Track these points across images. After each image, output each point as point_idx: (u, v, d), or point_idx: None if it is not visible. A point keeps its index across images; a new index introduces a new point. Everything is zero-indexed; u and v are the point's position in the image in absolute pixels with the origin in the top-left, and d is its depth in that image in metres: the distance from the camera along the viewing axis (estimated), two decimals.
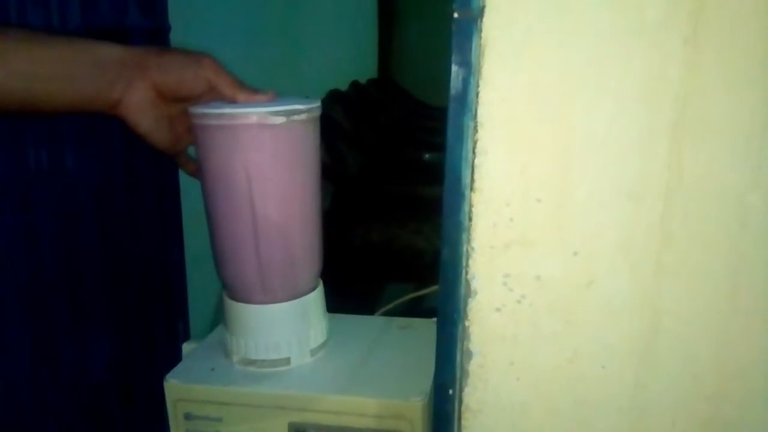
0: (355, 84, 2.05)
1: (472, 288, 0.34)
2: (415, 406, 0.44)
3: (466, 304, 0.34)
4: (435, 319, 0.57)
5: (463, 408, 0.35)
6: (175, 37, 0.83)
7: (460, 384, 0.36)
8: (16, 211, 0.63)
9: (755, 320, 0.31)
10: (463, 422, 0.36)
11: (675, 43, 0.29)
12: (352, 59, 2.22)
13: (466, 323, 0.34)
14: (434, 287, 0.61)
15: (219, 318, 1.10)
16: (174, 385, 0.48)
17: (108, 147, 0.75)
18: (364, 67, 2.32)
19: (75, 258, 0.71)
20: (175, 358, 0.52)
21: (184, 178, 0.87)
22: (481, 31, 0.30)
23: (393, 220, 1.55)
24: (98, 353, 0.76)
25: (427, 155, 1.94)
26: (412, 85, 2.42)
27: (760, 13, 0.28)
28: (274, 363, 0.49)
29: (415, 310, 0.67)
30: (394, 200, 1.68)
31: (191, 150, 0.54)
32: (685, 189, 0.30)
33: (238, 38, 1.14)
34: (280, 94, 0.49)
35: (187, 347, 0.54)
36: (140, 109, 0.46)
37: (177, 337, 0.88)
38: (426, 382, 0.46)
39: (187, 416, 0.48)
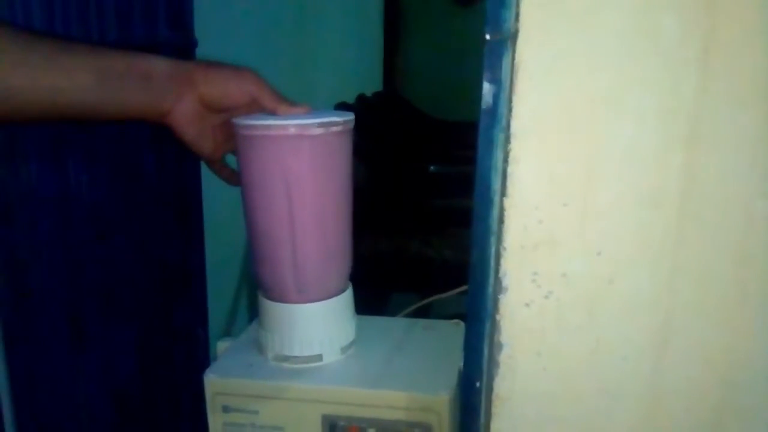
0: (361, 97, 2.09)
1: (503, 285, 0.37)
2: (443, 399, 0.47)
3: (497, 300, 0.37)
4: (456, 321, 0.60)
5: (493, 396, 0.38)
6: (201, 51, 0.88)
7: (489, 375, 0.39)
8: (57, 218, 0.66)
9: (761, 312, 0.34)
10: (492, 410, 0.38)
11: (689, 63, 0.32)
12: (359, 73, 2.27)
13: (497, 317, 0.37)
14: (460, 288, 0.64)
15: (234, 319, 1.12)
16: (213, 380, 0.51)
17: (137, 159, 0.78)
18: (370, 81, 2.37)
19: (107, 263, 0.74)
20: (195, 359, 0.55)
21: (206, 189, 0.91)
22: (514, 52, 0.34)
23: (401, 231, 1.58)
24: (125, 353, 0.79)
25: (432, 167, 1.98)
26: (416, 98, 2.46)
27: (765, 35, 0.31)
28: (307, 359, 0.52)
29: (426, 314, 0.70)
30: (401, 212, 1.71)
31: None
32: (697, 196, 0.34)
33: (253, 53, 1.18)
34: (314, 108, 0.52)
35: (221, 345, 0.56)
36: (187, 119, 0.49)
37: (197, 340, 0.91)
38: (452, 378, 0.49)
39: (225, 409, 0.51)
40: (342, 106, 1.85)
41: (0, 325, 0.65)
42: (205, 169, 0.58)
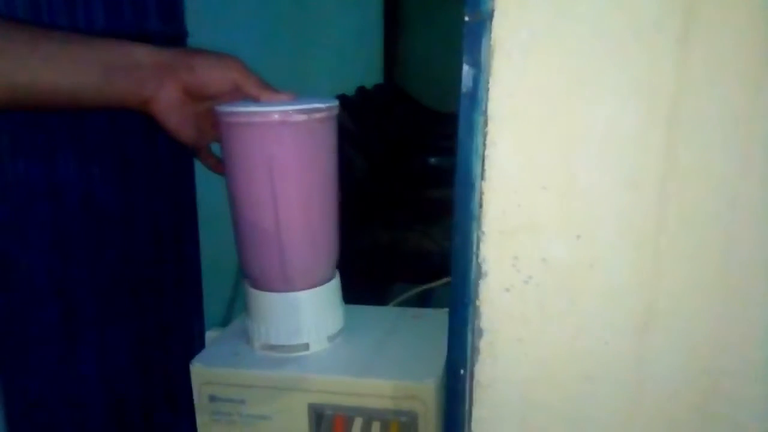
0: (361, 90, 2.08)
1: (482, 270, 0.36)
2: (429, 387, 0.47)
3: (477, 286, 0.37)
4: (446, 309, 0.59)
5: (474, 383, 0.38)
6: (193, 42, 0.87)
7: (472, 363, 0.38)
8: (46, 213, 0.66)
9: (746, 296, 0.33)
10: (474, 396, 0.38)
11: (668, 42, 0.31)
12: (359, 66, 2.26)
13: (477, 303, 0.37)
14: (445, 279, 0.64)
15: (231, 311, 1.12)
16: (200, 370, 0.51)
17: (129, 152, 0.78)
18: (371, 74, 2.36)
19: (99, 258, 0.74)
20: (191, 354, 0.55)
21: (199, 181, 0.90)
22: (491, 32, 0.33)
23: (401, 223, 1.58)
24: (118, 347, 0.79)
25: (432, 159, 1.97)
26: (417, 91, 2.45)
27: (747, 14, 0.31)
28: (294, 348, 0.51)
29: (425, 306, 0.69)
30: (401, 204, 1.71)
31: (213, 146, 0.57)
32: (679, 177, 0.33)
33: (250, 45, 1.17)
34: (299, 95, 0.52)
35: (210, 335, 0.56)
36: (170, 107, 0.49)
37: (192, 331, 0.91)
38: (438, 366, 0.49)
39: (212, 398, 0.51)
40: (342, 99, 1.85)
41: None
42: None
